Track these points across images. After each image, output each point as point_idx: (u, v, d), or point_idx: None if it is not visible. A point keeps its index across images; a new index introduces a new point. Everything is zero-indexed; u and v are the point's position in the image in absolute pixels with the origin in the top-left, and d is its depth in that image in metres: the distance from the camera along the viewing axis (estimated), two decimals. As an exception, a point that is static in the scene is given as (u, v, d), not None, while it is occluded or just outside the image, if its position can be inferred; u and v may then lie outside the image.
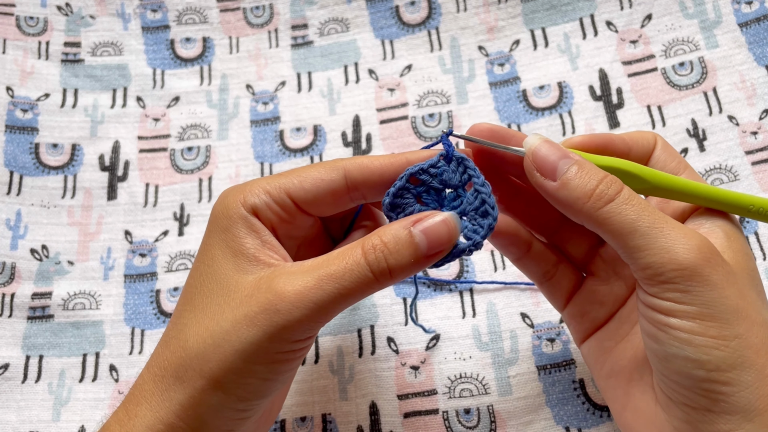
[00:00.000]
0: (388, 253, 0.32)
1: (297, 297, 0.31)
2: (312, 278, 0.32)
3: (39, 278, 0.54)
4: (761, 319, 0.31)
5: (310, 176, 0.35)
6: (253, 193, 0.34)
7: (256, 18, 0.65)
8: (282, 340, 0.32)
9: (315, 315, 0.31)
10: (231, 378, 0.32)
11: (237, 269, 0.33)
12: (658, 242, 0.31)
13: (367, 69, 0.62)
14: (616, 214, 0.31)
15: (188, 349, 0.33)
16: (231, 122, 0.61)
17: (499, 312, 0.51)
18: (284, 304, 0.31)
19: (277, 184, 0.35)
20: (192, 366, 0.32)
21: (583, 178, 0.32)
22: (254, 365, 0.32)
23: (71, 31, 0.64)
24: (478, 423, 0.47)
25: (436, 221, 0.33)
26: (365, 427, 0.47)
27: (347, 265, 0.32)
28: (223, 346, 0.32)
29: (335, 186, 0.35)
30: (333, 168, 0.35)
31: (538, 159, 0.33)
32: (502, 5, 0.62)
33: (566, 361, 0.48)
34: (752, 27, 0.56)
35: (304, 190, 0.34)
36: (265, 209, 0.34)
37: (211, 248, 0.34)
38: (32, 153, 0.59)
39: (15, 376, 0.51)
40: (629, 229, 0.31)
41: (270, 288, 0.32)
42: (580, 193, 0.32)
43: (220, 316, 0.32)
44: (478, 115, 0.59)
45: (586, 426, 0.46)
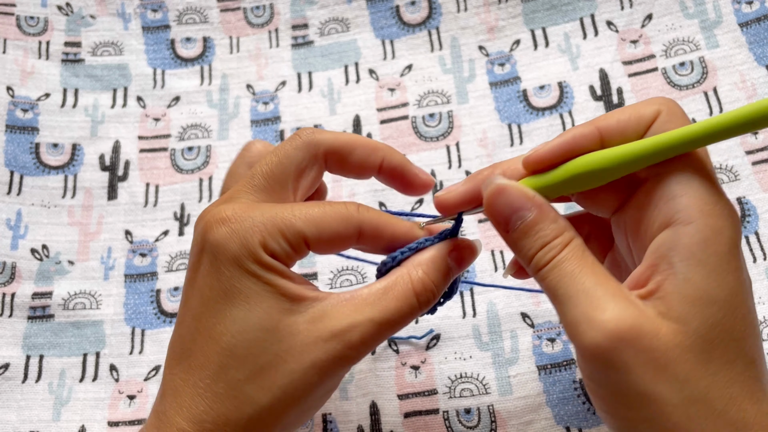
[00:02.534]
0: (435, 291, 0.35)
1: (363, 347, 0.33)
2: (373, 325, 0.33)
3: (39, 278, 0.54)
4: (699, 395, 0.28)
5: (329, 227, 0.34)
6: (272, 236, 0.33)
7: (257, 18, 0.65)
8: (337, 378, 0.35)
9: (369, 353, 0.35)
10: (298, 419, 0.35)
11: (284, 313, 0.32)
12: (569, 315, 0.30)
13: (368, 69, 0.62)
14: (544, 279, 0.31)
15: (256, 404, 0.32)
16: (231, 122, 0.61)
17: (499, 312, 0.51)
18: (353, 353, 0.32)
19: (294, 229, 0.33)
20: (264, 421, 0.32)
21: (529, 239, 0.32)
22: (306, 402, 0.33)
23: (72, 31, 0.64)
24: (478, 423, 0.47)
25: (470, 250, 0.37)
26: (365, 427, 0.47)
27: (403, 307, 0.33)
28: (297, 396, 0.32)
29: (349, 241, 0.35)
30: (350, 223, 0.34)
31: (492, 210, 0.33)
32: (502, 5, 0.62)
33: (567, 361, 0.48)
34: (753, 27, 0.56)
35: (320, 239, 0.34)
36: (283, 255, 0.33)
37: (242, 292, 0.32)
38: (32, 153, 0.59)
39: (15, 375, 0.51)
40: (553, 297, 0.31)
41: (334, 336, 0.32)
42: (523, 255, 0.33)
43: (285, 367, 0.32)
44: (478, 115, 0.59)
45: (586, 426, 0.46)
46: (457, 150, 0.58)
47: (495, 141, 0.58)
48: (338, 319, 0.32)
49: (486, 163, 0.57)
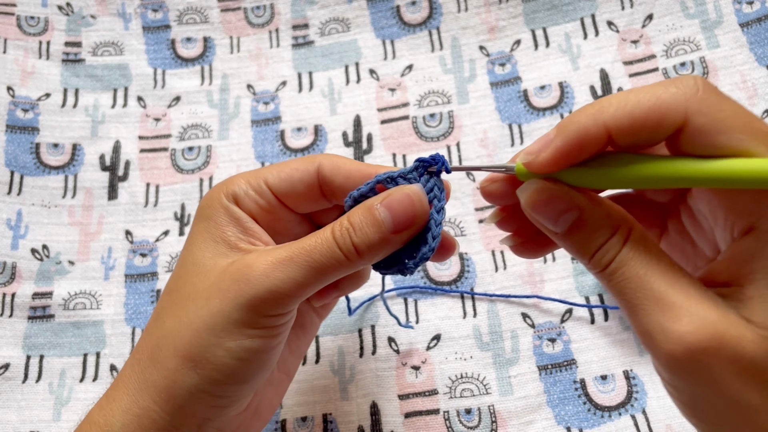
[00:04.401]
0: (353, 231, 0.33)
1: (269, 266, 0.32)
2: (284, 251, 0.33)
3: (40, 278, 0.54)
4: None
5: (287, 166, 0.36)
6: (234, 183, 0.36)
7: (257, 18, 0.65)
8: (252, 310, 0.32)
9: (286, 287, 0.32)
10: (202, 354, 0.32)
11: (216, 254, 0.34)
12: (641, 323, 0.27)
13: (368, 69, 0.62)
14: (608, 282, 0.29)
15: (163, 329, 0.33)
16: (232, 122, 0.61)
17: (499, 312, 0.51)
18: (255, 273, 0.32)
19: (257, 174, 0.36)
20: (166, 345, 0.33)
21: (581, 236, 0.29)
22: (225, 339, 0.32)
23: (72, 31, 0.64)
24: (479, 423, 0.47)
25: (398, 196, 0.33)
26: (366, 427, 0.47)
27: (317, 242, 0.33)
28: (195, 322, 0.32)
29: (308, 178, 0.36)
30: (309, 161, 0.36)
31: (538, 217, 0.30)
32: (503, 5, 0.62)
33: (567, 362, 0.48)
34: (753, 27, 0.56)
35: (279, 179, 0.36)
36: (244, 197, 0.35)
37: (193, 237, 0.35)
38: (33, 153, 0.59)
39: (15, 376, 0.51)
40: (619, 300, 0.29)
41: (242, 260, 0.33)
42: (580, 257, 0.30)
43: (195, 294, 0.33)
44: (479, 115, 0.59)
45: (587, 426, 0.46)
46: (458, 150, 0.58)
47: (496, 141, 0.58)
48: (251, 258, 0.33)
49: (486, 164, 0.57)
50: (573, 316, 0.50)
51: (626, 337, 0.49)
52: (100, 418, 0.33)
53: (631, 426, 0.45)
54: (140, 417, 0.32)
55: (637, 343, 0.48)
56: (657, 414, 0.46)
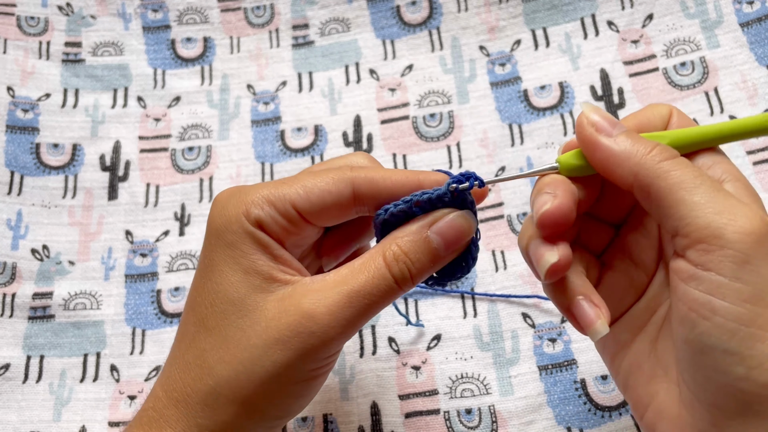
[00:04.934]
0: (410, 263, 0.32)
1: (330, 317, 0.31)
2: (341, 296, 0.31)
3: (40, 278, 0.54)
4: None
5: (317, 187, 0.33)
6: (256, 205, 0.33)
7: (257, 18, 0.65)
8: (316, 359, 0.32)
9: (348, 331, 0.32)
10: (266, 402, 0.32)
11: (253, 289, 0.32)
12: (720, 202, 0.28)
13: (368, 69, 0.62)
14: (679, 168, 0.29)
15: (216, 376, 0.32)
16: (232, 122, 0.61)
17: (500, 312, 0.51)
18: (318, 326, 0.31)
19: (281, 195, 0.33)
20: (223, 393, 0.32)
21: (639, 140, 0.31)
22: (289, 386, 0.32)
23: (72, 31, 0.64)
24: (479, 423, 0.47)
25: (450, 223, 0.33)
26: (366, 427, 0.47)
27: (374, 280, 0.32)
28: (257, 372, 0.31)
29: (342, 199, 0.33)
30: (341, 180, 0.33)
31: (594, 119, 0.32)
32: (503, 5, 0.62)
33: (568, 362, 0.48)
34: (753, 27, 0.56)
35: (309, 202, 0.33)
36: (270, 223, 0.33)
37: (218, 265, 0.33)
38: (33, 153, 0.59)
39: (16, 376, 0.51)
40: (691, 185, 0.28)
41: (299, 309, 0.31)
42: (638, 148, 0.31)
43: (247, 341, 0.32)
44: (479, 115, 0.59)
45: (587, 426, 0.46)
46: (458, 150, 0.58)
47: (496, 141, 0.58)
48: (305, 295, 0.32)
49: (487, 164, 0.57)
50: (573, 316, 0.50)
51: (626, 337, 0.49)
52: None
53: (632, 426, 0.45)
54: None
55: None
56: (657, 414, 0.46)
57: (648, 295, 0.36)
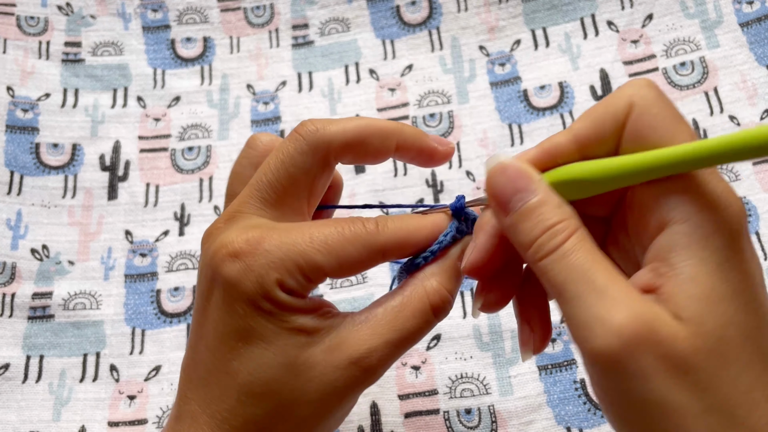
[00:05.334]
0: (452, 301, 0.33)
1: (381, 367, 0.32)
2: (393, 347, 0.32)
3: (39, 278, 0.54)
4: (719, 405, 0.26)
5: (348, 256, 0.32)
6: (291, 275, 0.31)
7: (257, 18, 0.65)
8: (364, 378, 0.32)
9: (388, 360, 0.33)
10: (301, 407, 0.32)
11: (300, 347, 0.31)
12: (579, 315, 0.27)
13: (368, 69, 0.62)
14: (548, 271, 0.28)
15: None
16: (232, 122, 0.61)
17: (500, 312, 0.51)
18: (371, 377, 0.32)
19: (314, 264, 0.31)
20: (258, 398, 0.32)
21: (530, 222, 0.29)
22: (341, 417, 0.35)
23: (72, 31, 0.64)
24: (479, 423, 0.47)
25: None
26: (366, 427, 0.47)
27: (420, 324, 0.32)
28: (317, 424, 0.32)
29: (372, 264, 0.33)
30: (372, 251, 0.33)
31: (493, 189, 0.30)
32: (502, 5, 0.62)
33: (567, 361, 0.48)
34: (753, 27, 0.56)
35: (340, 270, 0.32)
36: (301, 290, 0.32)
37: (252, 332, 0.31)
38: (33, 153, 0.59)
39: (15, 376, 0.51)
40: (557, 292, 0.28)
41: (351, 361, 0.31)
42: (522, 240, 0.29)
43: (303, 398, 0.31)
44: (479, 115, 0.59)
45: (587, 426, 0.46)
46: (458, 150, 0.58)
47: (496, 141, 0.58)
48: (355, 346, 0.31)
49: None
50: (573, 316, 0.50)
51: (626, 337, 0.49)
52: None
53: (632, 426, 0.45)
54: None
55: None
56: (657, 414, 0.46)
57: None
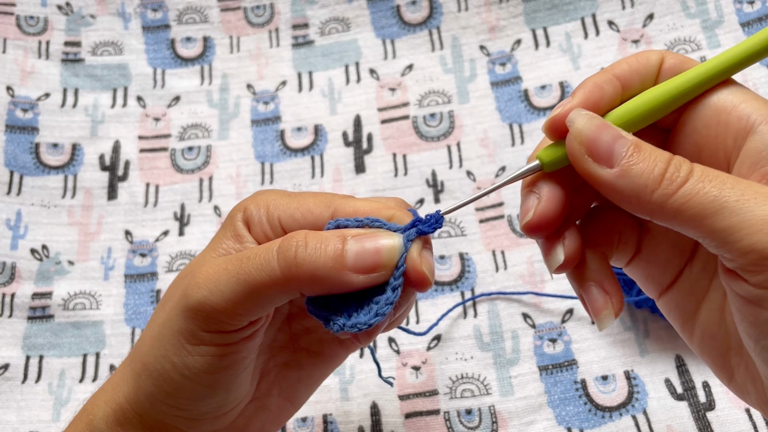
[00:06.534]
0: (303, 246, 0.29)
1: (203, 278, 0.30)
2: (223, 262, 0.30)
3: (39, 278, 0.54)
4: None
5: (303, 205, 0.33)
6: (256, 204, 0.33)
7: (257, 17, 0.65)
8: (191, 322, 0.30)
9: (216, 301, 0.29)
10: (153, 364, 0.31)
11: (200, 263, 0.33)
12: (755, 216, 0.25)
13: (368, 68, 0.62)
14: (694, 195, 0.26)
15: (143, 335, 0.34)
16: (232, 122, 0.61)
17: (500, 312, 0.50)
18: (191, 284, 0.30)
19: (277, 204, 0.33)
20: (137, 348, 0.33)
21: (647, 161, 0.27)
22: (170, 353, 0.31)
23: (71, 31, 0.64)
24: (479, 423, 0.46)
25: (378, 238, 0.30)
26: (366, 428, 0.47)
27: (257, 251, 0.30)
28: (153, 328, 0.32)
29: (321, 220, 0.32)
30: (325, 204, 0.32)
31: (589, 141, 0.27)
32: (503, 5, 0.62)
33: (568, 362, 0.48)
34: (754, 27, 0.56)
35: (293, 218, 0.32)
36: (256, 224, 0.33)
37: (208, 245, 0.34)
38: (32, 153, 0.59)
39: (15, 376, 0.51)
40: (715, 209, 0.25)
41: (191, 271, 0.32)
42: (646, 180, 0.26)
43: (165, 300, 0.33)
44: (480, 115, 0.59)
45: (588, 427, 0.46)
46: (458, 150, 0.58)
47: (496, 141, 0.57)
48: (200, 266, 0.32)
49: (487, 164, 0.57)
50: (574, 317, 0.50)
51: (627, 337, 0.49)
52: (89, 404, 0.34)
53: (632, 426, 0.45)
54: (116, 413, 0.33)
55: (638, 342, 0.48)
56: (658, 414, 0.45)
57: (700, 258, 0.32)
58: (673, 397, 0.46)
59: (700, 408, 0.45)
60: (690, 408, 0.45)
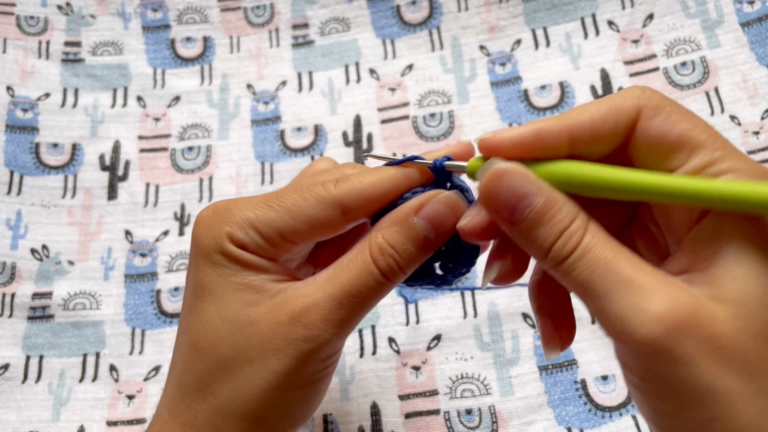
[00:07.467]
0: (396, 254, 0.31)
1: (323, 322, 0.31)
2: (331, 299, 0.31)
3: (39, 278, 0.54)
4: None
5: (302, 213, 0.32)
6: (241, 228, 0.32)
7: (257, 17, 0.65)
8: (314, 362, 0.31)
9: (343, 332, 0.31)
10: (272, 413, 0.32)
11: (244, 305, 0.32)
12: (612, 308, 0.26)
13: (368, 68, 0.62)
14: (571, 272, 0.27)
15: (219, 396, 0.32)
16: (231, 122, 0.61)
17: (500, 312, 0.50)
18: (311, 332, 0.31)
19: (267, 220, 0.32)
20: (228, 412, 0.31)
21: (542, 228, 0.28)
22: (292, 393, 0.32)
23: (72, 31, 0.64)
24: (479, 423, 0.46)
25: (436, 206, 0.31)
26: (366, 428, 0.47)
27: (361, 277, 0.31)
28: (259, 385, 0.31)
29: (332, 221, 0.32)
30: (327, 204, 0.32)
31: (494, 199, 0.28)
32: (503, 5, 0.62)
33: (568, 362, 0.48)
34: (754, 27, 0.56)
35: (296, 230, 0.32)
36: (254, 247, 0.32)
37: (207, 285, 0.32)
38: (32, 153, 0.59)
39: (15, 376, 0.51)
40: (583, 291, 0.27)
41: (291, 317, 0.31)
42: (537, 247, 0.28)
43: (244, 357, 0.31)
44: (480, 115, 0.59)
45: (588, 427, 0.46)
46: (458, 150, 0.58)
47: (496, 141, 0.57)
48: (296, 302, 0.31)
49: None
50: (574, 316, 0.50)
51: (627, 337, 0.49)
52: None
53: (632, 426, 0.45)
54: None
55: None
56: (658, 414, 0.46)
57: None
58: (673, 397, 0.46)
59: (700, 408, 0.45)
60: (690, 408, 0.45)
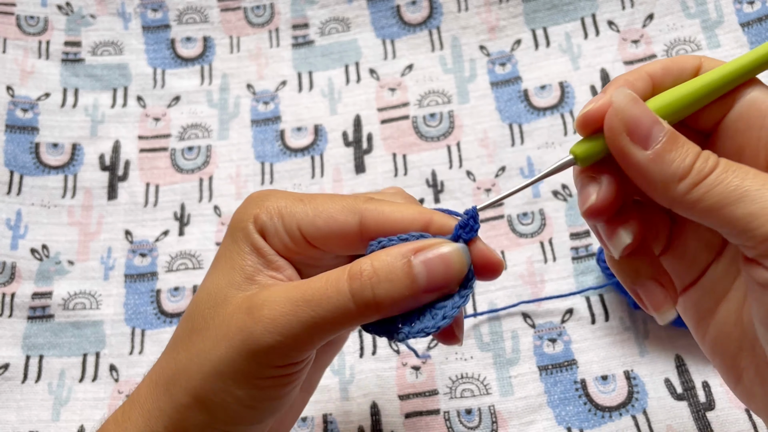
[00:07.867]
0: (377, 281, 0.29)
1: (270, 323, 0.29)
2: (287, 302, 0.29)
3: (39, 278, 0.54)
4: None
5: (325, 212, 0.31)
6: (268, 212, 0.32)
7: (257, 17, 0.65)
8: (258, 363, 0.30)
9: (290, 342, 0.29)
10: (211, 398, 0.31)
11: (229, 284, 0.32)
12: (740, 212, 0.25)
13: (368, 68, 0.62)
14: (717, 185, 0.26)
15: (178, 362, 0.32)
16: (231, 122, 0.61)
17: (500, 312, 0.50)
18: (258, 328, 0.29)
19: (292, 211, 0.32)
20: (179, 381, 0.31)
21: (680, 150, 0.27)
22: (233, 387, 0.30)
23: (72, 31, 0.64)
24: (479, 423, 0.47)
25: (439, 253, 0.29)
26: (366, 428, 0.47)
27: (327, 292, 0.29)
28: (204, 365, 0.31)
29: (348, 229, 0.31)
30: (351, 210, 0.31)
31: (630, 119, 0.28)
32: (503, 5, 0.62)
33: (568, 362, 0.48)
34: (754, 27, 0.56)
35: (315, 226, 0.32)
36: (273, 235, 0.32)
37: (218, 259, 0.33)
38: (32, 152, 0.59)
39: (15, 376, 0.51)
40: (736, 197, 0.26)
41: (248, 308, 0.30)
42: (676, 169, 0.27)
43: (206, 333, 0.31)
44: (479, 115, 0.59)
45: (587, 427, 0.46)
46: (458, 150, 0.58)
47: (496, 141, 0.57)
48: (260, 295, 0.30)
49: (487, 164, 0.57)
50: (573, 317, 0.50)
51: (627, 337, 0.49)
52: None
53: (632, 426, 0.45)
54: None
55: (637, 343, 0.48)
56: (658, 414, 0.46)
57: (727, 256, 0.32)
58: (672, 397, 0.46)
59: (700, 408, 0.45)
60: (690, 408, 0.45)
